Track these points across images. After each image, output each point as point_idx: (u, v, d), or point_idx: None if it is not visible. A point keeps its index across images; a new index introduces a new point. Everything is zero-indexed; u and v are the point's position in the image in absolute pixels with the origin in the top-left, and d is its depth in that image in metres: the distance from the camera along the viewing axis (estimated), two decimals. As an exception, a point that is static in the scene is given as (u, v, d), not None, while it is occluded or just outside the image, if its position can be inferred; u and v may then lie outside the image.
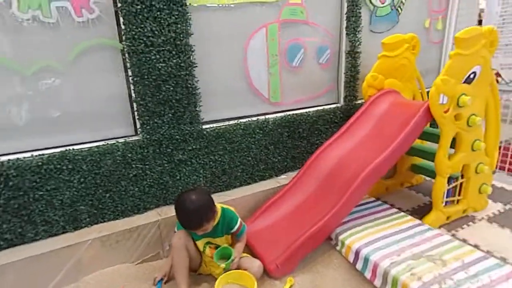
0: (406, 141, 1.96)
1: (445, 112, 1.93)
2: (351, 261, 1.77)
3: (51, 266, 1.66)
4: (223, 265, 1.56)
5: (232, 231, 1.71)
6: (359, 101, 2.69)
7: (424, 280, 1.46)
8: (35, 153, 1.64)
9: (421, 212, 2.25)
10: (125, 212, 1.93)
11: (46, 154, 1.66)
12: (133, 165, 1.88)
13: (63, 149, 1.69)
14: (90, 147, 1.76)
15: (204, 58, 2.00)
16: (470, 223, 2.13)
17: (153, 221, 1.89)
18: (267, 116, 2.32)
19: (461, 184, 2.18)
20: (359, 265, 1.72)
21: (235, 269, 1.66)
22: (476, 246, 1.85)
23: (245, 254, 1.80)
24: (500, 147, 2.64)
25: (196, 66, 1.94)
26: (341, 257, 1.84)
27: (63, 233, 1.78)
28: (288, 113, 2.41)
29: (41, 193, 1.67)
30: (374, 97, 2.36)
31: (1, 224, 1.61)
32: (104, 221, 1.88)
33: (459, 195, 2.20)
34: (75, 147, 1.73)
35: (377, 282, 1.61)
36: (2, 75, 1.56)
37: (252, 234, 1.99)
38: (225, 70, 2.13)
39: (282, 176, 2.46)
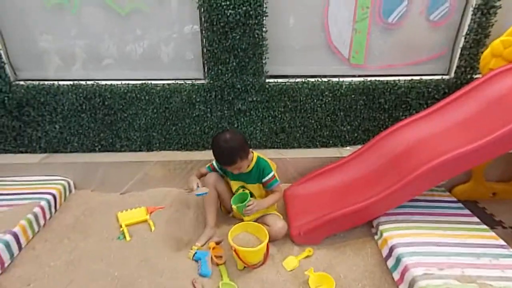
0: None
1: None
2: (384, 255, 1.54)
3: (127, 173, 2.10)
4: (234, 206, 1.62)
5: (264, 180, 1.72)
6: (479, 76, 2.05)
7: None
8: (123, 82, 2.01)
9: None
10: (187, 146, 2.19)
11: (131, 84, 2.01)
12: (197, 106, 2.07)
13: (142, 82, 2.01)
14: (163, 84, 2.02)
15: (277, 7, 1.89)
16: None
17: (206, 159, 2.09)
18: (341, 79, 2.07)
19: None
20: (389, 263, 1.49)
21: (258, 222, 1.71)
22: None
23: (275, 212, 1.81)
24: None
25: (267, 15, 1.86)
26: (377, 248, 1.63)
27: (139, 150, 2.20)
28: (369, 78, 2.08)
29: (125, 115, 2.07)
30: (497, 70, 1.75)
31: (100, 133, 2.12)
32: (170, 149, 2.20)
33: None
34: (152, 82, 2.02)
35: (402, 287, 1.37)
36: (104, 13, 1.90)
37: (292, 197, 1.96)
38: (300, 20, 1.96)
39: (347, 148, 2.23)
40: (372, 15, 1.96)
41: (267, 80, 2.04)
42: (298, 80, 2.06)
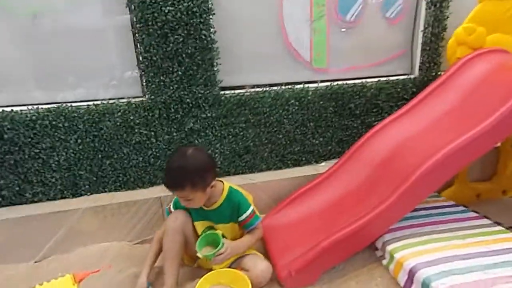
0: (505, 124, 1.27)
1: None
2: (402, 284, 1.20)
3: (42, 232, 1.52)
4: (201, 255, 1.17)
5: (240, 219, 1.31)
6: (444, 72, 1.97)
7: None
8: (30, 107, 1.51)
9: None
10: (127, 183, 1.70)
11: (42, 108, 1.52)
12: (136, 130, 1.63)
13: (58, 104, 1.53)
14: (88, 105, 1.56)
15: (226, 5, 1.63)
16: None
17: (154, 197, 1.61)
18: (306, 85, 1.83)
19: None
20: (412, 294, 1.14)
21: (232, 267, 1.27)
22: None
23: (253, 251, 1.39)
24: None
25: (214, 14, 1.58)
26: (389, 275, 1.28)
27: (62, 198, 1.64)
28: (336, 82, 1.87)
29: (37, 150, 1.54)
30: (465, 59, 1.65)
31: (-1, 180, 1.54)
32: (105, 191, 1.68)
33: None
34: (73, 104, 1.55)
35: None
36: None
37: (270, 229, 1.55)
38: (253, 22, 1.72)
39: (323, 164, 1.93)
40: (329, 13, 1.80)
41: (222, 92, 1.70)
42: (258, 89, 1.76)
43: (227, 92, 1.72)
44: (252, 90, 1.75)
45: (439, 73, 1.97)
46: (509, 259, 1.16)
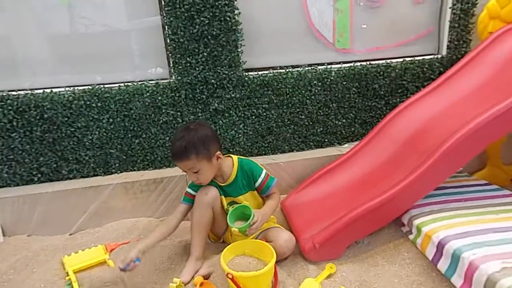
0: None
1: None
2: (430, 257, 1.16)
3: (76, 206, 1.61)
4: (236, 228, 1.19)
5: (257, 184, 1.34)
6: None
7: None
8: (67, 88, 1.61)
9: None
10: (155, 162, 1.76)
11: (77, 89, 1.61)
12: (164, 110, 1.69)
13: (92, 86, 1.62)
14: (119, 86, 1.64)
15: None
16: None
17: (180, 174, 1.66)
18: (329, 66, 1.82)
19: None
20: (442, 265, 1.11)
21: (259, 238, 1.29)
22: None
23: (277, 225, 1.40)
24: None
25: (238, -5, 1.62)
26: (416, 250, 1.26)
27: (95, 175, 1.72)
28: (359, 63, 1.85)
29: (72, 129, 1.63)
30: (498, 33, 1.59)
31: (38, 157, 1.64)
32: (134, 169, 1.75)
33: None
34: (105, 85, 1.64)
35: None
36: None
37: (293, 207, 1.57)
38: (276, 3, 1.74)
39: (345, 145, 1.91)
40: (354, -8, 1.79)
41: (245, 73, 1.73)
42: (281, 70, 1.77)
43: (250, 73, 1.75)
44: (275, 71, 1.76)
45: (468, 51, 1.90)
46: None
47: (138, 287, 1.22)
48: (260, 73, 1.76)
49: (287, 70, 1.78)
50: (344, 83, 1.83)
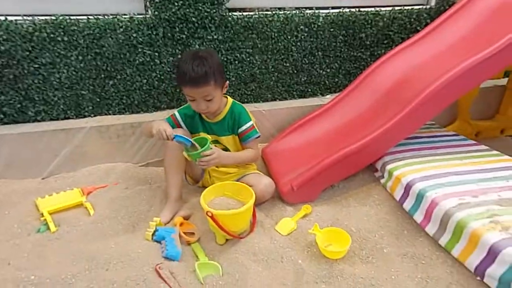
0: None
1: None
2: (398, 198, 1.24)
3: (48, 149, 1.52)
4: (185, 154, 1.17)
5: (241, 129, 1.32)
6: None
7: None
8: (26, 18, 1.42)
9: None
10: (132, 107, 1.67)
11: (39, 19, 1.43)
12: (140, 50, 1.56)
13: (56, 16, 1.44)
14: (89, 18, 1.48)
15: None
16: None
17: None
18: (317, 10, 1.73)
19: None
20: (407, 204, 1.19)
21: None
22: None
23: (257, 171, 1.41)
24: None
25: None
26: (385, 193, 1.33)
27: (65, 118, 1.62)
28: (348, 9, 1.78)
29: (36, 66, 1.48)
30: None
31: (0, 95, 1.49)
32: (109, 114, 1.66)
33: None
34: (71, 16, 1.47)
35: (431, 228, 1.09)
36: None
37: (273, 154, 1.58)
38: None
39: (328, 96, 1.90)
40: None
41: (229, 13, 1.61)
42: (267, 12, 1.67)
43: (234, 13, 1.63)
44: (261, 12, 1.65)
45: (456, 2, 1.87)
46: (503, 175, 1.20)
47: (117, 230, 1.21)
48: (244, 13, 1.65)
49: (274, 12, 1.67)
50: (331, 30, 1.77)
